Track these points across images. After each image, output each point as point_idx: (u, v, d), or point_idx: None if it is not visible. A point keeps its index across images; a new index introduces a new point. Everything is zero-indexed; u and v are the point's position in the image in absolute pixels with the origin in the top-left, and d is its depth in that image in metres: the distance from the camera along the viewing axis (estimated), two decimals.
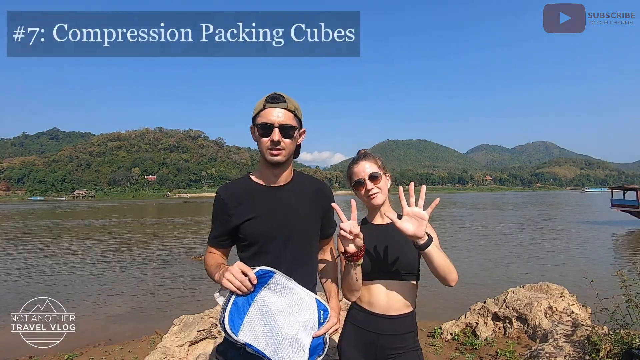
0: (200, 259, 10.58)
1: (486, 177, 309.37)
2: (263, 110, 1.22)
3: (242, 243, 1.27)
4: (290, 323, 1.13)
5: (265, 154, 1.23)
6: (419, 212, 1.26)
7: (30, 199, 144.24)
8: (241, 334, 1.08)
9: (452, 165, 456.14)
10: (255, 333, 1.09)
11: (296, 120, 1.25)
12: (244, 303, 1.11)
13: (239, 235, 1.27)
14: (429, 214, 1.27)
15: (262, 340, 1.09)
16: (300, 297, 1.17)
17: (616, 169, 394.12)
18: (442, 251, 1.33)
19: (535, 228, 18.96)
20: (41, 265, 10.44)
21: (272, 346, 1.09)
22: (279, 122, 1.20)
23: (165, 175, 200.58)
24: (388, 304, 1.39)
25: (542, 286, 4.32)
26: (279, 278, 1.15)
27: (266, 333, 1.10)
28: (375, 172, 1.44)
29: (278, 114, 1.20)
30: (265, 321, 1.11)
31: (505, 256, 10.95)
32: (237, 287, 1.08)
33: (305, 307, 1.16)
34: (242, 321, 1.09)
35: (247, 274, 1.09)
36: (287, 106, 1.22)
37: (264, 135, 1.21)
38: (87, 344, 4.50)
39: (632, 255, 11.08)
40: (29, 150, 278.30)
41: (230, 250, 1.38)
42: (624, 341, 2.48)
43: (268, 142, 1.21)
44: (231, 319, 1.08)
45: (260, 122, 1.21)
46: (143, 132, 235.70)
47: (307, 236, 1.31)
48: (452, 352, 3.68)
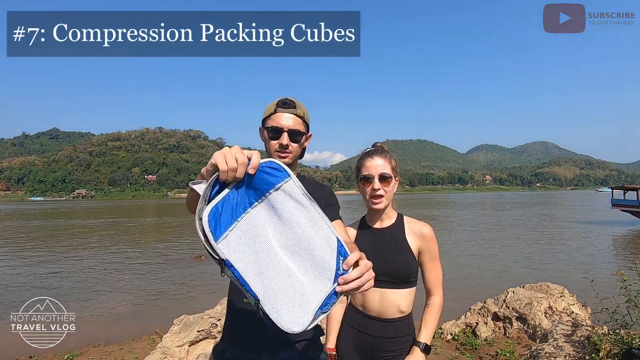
0: (200, 259, 10.58)
1: (486, 177, 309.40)
2: (274, 114, 1.25)
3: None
4: (295, 256, 0.78)
5: (273, 156, 1.26)
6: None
7: (30, 199, 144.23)
8: (223, 244, 0.72)
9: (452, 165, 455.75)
10: (243, 251, 0.74)
11: (304, 125, 1.28)
12: (240, 203, 0.76)
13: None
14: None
15: (250, 266, 0.73)
16: (317, 222, 0.79)
17: (616, 169, 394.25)
18: (433, 319, 1.41)
19: (536, 228, 18.95)
20: (41, 265, 10.43)
21: (263, 279, 0.73)
22: (289, 127, 1.23)
23: (165, 175, 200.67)
24: (381, 309, 1.37)
25: (542, 286, 4.33)
26: (293, 186, 0.79)
27: (259, 257, 0.74)
28: (386, 172, 1.36)
29: (288, 119, 1.24)
30: (263, 241, 0.76)
31: (505, 256, 10.94)
32: (230, 167, 0.74)
33: (320, 239, 0.78)
34: (231, 226, 0.74)
35: (251, 158, 0.77)
36: (297, 112, 1.25)
37: (273, 138, 1.25)
38: (87, 344, 4.49)
39: (632, 255, 11.08)
40: (29, 150, 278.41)
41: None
42: (624, 341, 2.48)
43: (277, 145, 1.24)
44: (215, 217, 0.72)
45: (271, 126, 1.24)
46: (143, 132, 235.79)
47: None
48: (452, 352, 3.68)
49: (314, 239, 0.77)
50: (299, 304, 0.72)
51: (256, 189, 0.78)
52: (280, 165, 0.79)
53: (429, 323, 1.39)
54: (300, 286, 0.74)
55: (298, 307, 0.72)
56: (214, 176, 0.75)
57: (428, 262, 1.41)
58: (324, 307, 0.73)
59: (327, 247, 0.77)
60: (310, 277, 0.75)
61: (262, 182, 0.78)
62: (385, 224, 1.44)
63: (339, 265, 0.76)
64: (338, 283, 0.73)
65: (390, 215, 1.45)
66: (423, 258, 1.41)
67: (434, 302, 1.41)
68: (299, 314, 0.71)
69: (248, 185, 0.77)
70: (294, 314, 0.71)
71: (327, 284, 0.74)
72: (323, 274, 0.75)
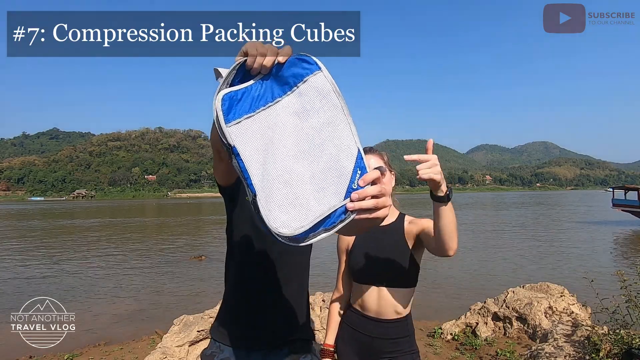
0: (199, 259, 10.58)
1: (486, 177, 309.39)
2: None
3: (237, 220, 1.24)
4: (309, 160, 0.67)
5: None
6: (429, 156, 1.00)
7: (30, 199, 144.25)
8: (234, 128, 0.65)
9: (452, 165, 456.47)
10: (253, 143, 0.66)
11: None
12: (262, 96, 0.69)
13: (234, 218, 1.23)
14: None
15: (256, 159, 0.66)
16: (338, 126, 0.68)
17: (616, 169, 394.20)
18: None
19: (536, 228, 18.95)
20: (41, 265, 10.43)
21: (265, 175, 0.65)
22: None
23: (165, 175, 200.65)
24: (379, 309, 1.37)
25: (542, 286, 4.33)
26: (324, 80, 0.69)
27: (269, 154, 0.66)
28: (381, 166, 1.36)
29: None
30: (278, 138, 0.67)
31: (505, 256, 10.94)
32: (260, 51, 0.68)
33: (340, 145, 0.67)
34: (247, 114, 0.67)
35: (283, 49, 0.71)
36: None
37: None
38: (87, 344, 4.49)
39: (632, 255, 11.08)
40: (29, 150, 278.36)
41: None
42: (624, 341, 2.48)
43: None
44: (231, 101, 0.67)
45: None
46: (143, 132, 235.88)
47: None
48: (452, 352, 3.68)
49: (333, 144, 0.67)
50: (297, 209, 0.63)
51: (282, 83, 0.70)
52: (310, 57, 0.70)
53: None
54: (304, 192, 0.64)
55: (295, 211, 0.63)
56: (240, 60, 0.69)
57: (426, 225, 1.31)
58: (327, 223, 0.63)
59: (347, 156, 0.66)
60: (320, 185, 0.65)
61: (290, 75, 0.69)
62: (385, 221, 1.43)
63: (354, 179, 0.65)
64: (351, 199, 0.63)
65: (392, 213, 1.44)
66: (424, 225, 1.32)
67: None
68: (294, 219, 0.62)
69: (274, 79, 0.70)
70: (288, 217, 0.62)
71: (337, 198, 0.64)
72: (335, 185, 0.65)
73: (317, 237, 0.64)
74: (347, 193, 0.64)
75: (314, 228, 0.63)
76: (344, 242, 1.49)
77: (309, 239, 0.63)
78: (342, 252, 1.51)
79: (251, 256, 1.21)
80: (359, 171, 0.66)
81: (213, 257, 10.78)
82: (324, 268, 8.01)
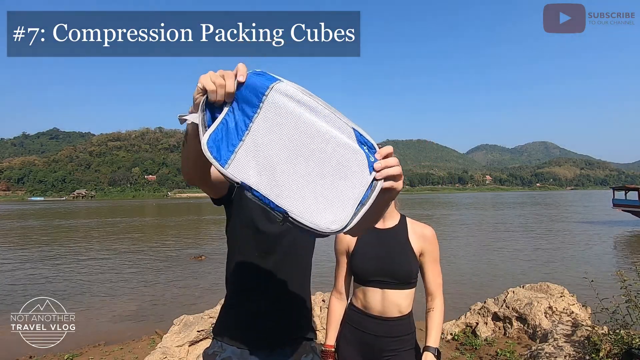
0: (200, 259, 10.58)
1: (486, 177, 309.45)
2: None
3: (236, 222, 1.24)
4: (313, 159, 0.68)
5: None
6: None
7: (30, 199, 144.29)
8: (232, 167, 0.67)
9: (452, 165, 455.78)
10: (257, 168, 0.68)
11: None
12: (240, 121, 0.69)
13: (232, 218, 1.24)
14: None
15: (267, 186, 0.67)
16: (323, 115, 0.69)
17: (616, 169, 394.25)
18: (439, 322, 1.41)
19: (536, 228, 18.96)
20: (41, 266, 10.43)
21: (285, 190, 0.67)
22: None
23: (165, 175, 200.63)
24: (383, 309, 1.39)
25: (542, 286, 4.33)
26: (287, 86, 0.69)
27: (276, 171, 0.67)
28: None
29: None
30: (274, 153, 0.68)
31: (505, 256, 10.94)
32: (218, 83, 0.68)
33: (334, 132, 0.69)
34: (237, 147, 0.68)
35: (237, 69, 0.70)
36: None
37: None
38: (87, 344, 4.49)
39: (632, 255, 11.08)
40: (29, 150, 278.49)
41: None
42: (624, 341, 2.48)
43: None
44: (216, 142, 0.67)
45: None
46: (143, 132, 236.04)
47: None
48: (452, 352, 3.68)
49: (329, 134, 0.68)
50: (334, 202, 0.67)
51: (250, 100, 0.70)
52: (264, 71, 0.72)
53: (435, 326, 1.39)
54: (326, 187, 0.67)
55: (334, 206, 0.66)
56: (203, 98, 0.70)
57: (429, 264, 1.42)
58: (362, 199, 0.67)
59: (348, 137, 0.69)
60: (340, 171, 0.68)
61: (254, 90, 0.69)
62: (388, 224, 1.44)
63: (367, 154, 0.69)
64: (375, 169, 0.68)
65: (393, 216, 1.46)
66: (424, 260, 1.43)
67: (438, 305, 1.42)
68: (338, 212, 0.66)
69: (242, 101, 0.70)
70: (332, 214, 0.66)
71: (362, 174, 0.68)
72: (355, 165, 0.68)
73: (358, 215, 0.67)
74: (369, 167, 0.68)
75: (356, 210, 0.67)
76: (343, 243, 1.50)
77: (353, 221, 0.67)
78: (341, 254, 1.51)
79: (252, 256, 1.20)
80: (365, 146, 0.69)
81: (213, 257, 10.79)
82: (323, 268, 8.02)
